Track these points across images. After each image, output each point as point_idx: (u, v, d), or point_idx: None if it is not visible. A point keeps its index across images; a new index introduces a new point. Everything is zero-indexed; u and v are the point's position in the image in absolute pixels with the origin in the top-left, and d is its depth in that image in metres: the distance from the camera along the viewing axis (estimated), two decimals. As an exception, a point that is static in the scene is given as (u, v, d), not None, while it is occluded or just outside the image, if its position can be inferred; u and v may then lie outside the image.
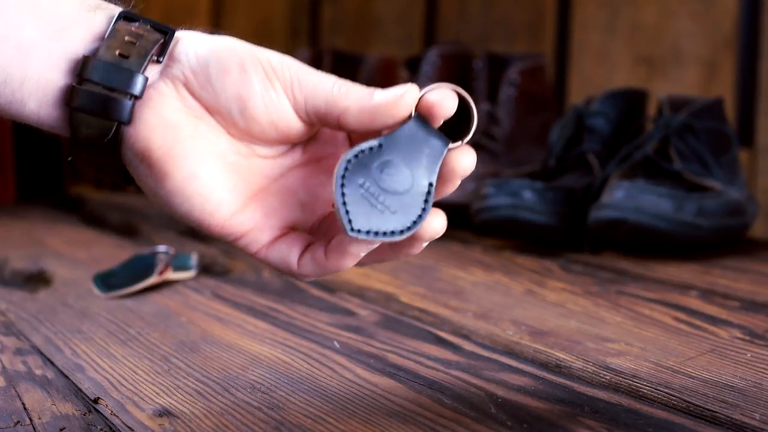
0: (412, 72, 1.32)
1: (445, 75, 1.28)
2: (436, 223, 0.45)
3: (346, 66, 1.46)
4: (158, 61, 0.45)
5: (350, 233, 0.43)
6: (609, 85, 1.31)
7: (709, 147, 0.98)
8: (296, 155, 0.47)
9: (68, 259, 0.93)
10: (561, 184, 0.98)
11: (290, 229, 0.47)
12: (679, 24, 1.38)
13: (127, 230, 1.13)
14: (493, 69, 1.24)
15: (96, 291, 0.77)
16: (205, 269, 0.87)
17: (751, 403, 0.50)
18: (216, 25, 2.22)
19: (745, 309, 0.71)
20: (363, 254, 0.46)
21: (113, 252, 0.96)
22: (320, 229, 0.48)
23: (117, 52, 0.44)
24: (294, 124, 0.45)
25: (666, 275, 0.84)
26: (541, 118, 1.22)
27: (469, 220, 1.00)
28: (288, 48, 2.10)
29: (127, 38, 0.44)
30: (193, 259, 0.85)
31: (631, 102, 1.08)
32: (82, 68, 0.44)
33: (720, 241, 0.93)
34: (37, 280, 0.84)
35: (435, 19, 1.78)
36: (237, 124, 0.45)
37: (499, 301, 0.74)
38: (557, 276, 0.84)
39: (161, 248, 0.83)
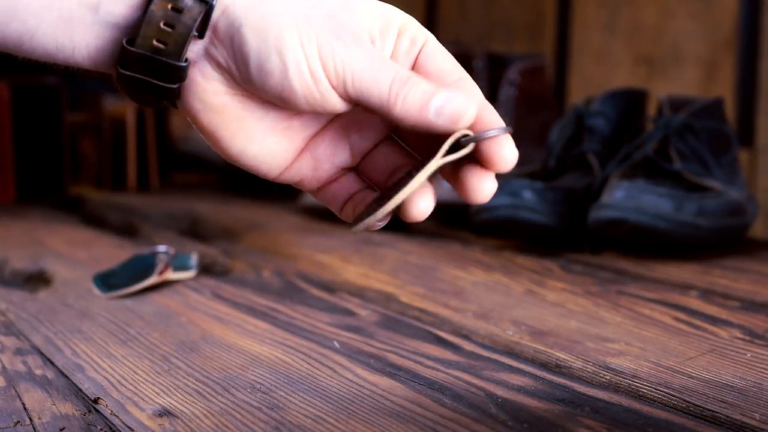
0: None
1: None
2: (424, 203, 0.43)
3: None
4: (201, 37, 0.43)
5: (352, 229, 0.44)
6: (609, 85, 1.31)
7: (709, 147, 0.98)
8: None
9: (68, 259, 0.93)
10: (561, 184, 0.98)
11: (343, 172, 0.47)
12: (679, 24, 1.38)
13: (127, 230, 1.13)
14: (493, 69, 1.24)
15: (96, 291, 0.77)
16: (205, 269, 0.87)
17: (751, 403, 0.50)
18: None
19: (745, 309, 0.71)
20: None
21: (113, 252, 0.96)
22: (365, 172, 0.47)
23: (153, 42, 0.43)
24: (339, 107, 0.43)
25: (666, 275, 0.84)
26: (541, 118, 1.22)
27: (469, 220, 1.00)
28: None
29: (162, 25, 0.43)
30: (193, 259, 0.85)
31: (631, 102, 1.08)
32: (120, 60, 0.43)
33: (720, 241, 0.93)
34: (37, 280, 0.84)
35: (435, 19, 1.78)
36: (279, 108, 0.44)
37: (499, 301, 0.74)
38: (557, 276, 0.84)
39: (161, 248, 0.83)
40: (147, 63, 0.43)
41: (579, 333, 0.65)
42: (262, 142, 0.45)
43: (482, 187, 0.43)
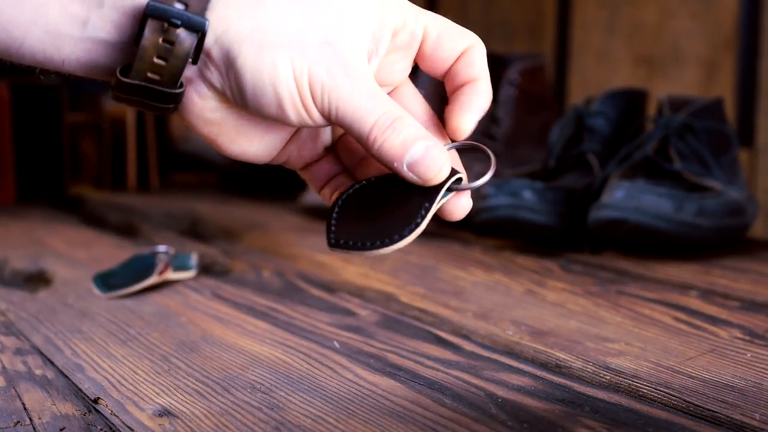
0: (412, 72, 1.31)
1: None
2: (464, 203, 0.46)
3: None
4: (194, 63, 0.43)
5: (329, 246, 0.44)
6: (609, 85, 1.31)
7: (709, 147, 0.98)
8: None
9: (68, 259, 0.93)
10: (561, 184, 0.98)
11: (324, 152, 0.49)
12: (679, 24, 1.38)
13: (127, 230, 1.13)
14: (493, 69, 1.23)
15: (96, 291, 0.77)
16: (205, 269, 0.87)
17: (751, 403, 0.50)
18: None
19: (745, 309, 0.71)
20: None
21: (113, 252, 0.96)
22: (343, 156, 0.50)
23: (147, 74, 0.43)
24: (318, 123, 0.45)
25: (666, 275, 0.84)
26: (541, 118, 1.22)
27: (469, 220, 1.00)
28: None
29: (155, 59, 0.42)
30: (193, 259, 0.85)
31: (631, 102, 1.08)
32: (116, 87, 0.43)
33: (720, 241, 0.93)
34: (37, 280, 0.84)
35: (435, 19, 1.77)
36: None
37: (499, 301, 0.74)
38: (557, 276, 0.84)
39: (161, 248, 0.83)
40: (142, 90, 0.43)
41: (579, 333, 0.65)
42: (260, 142, 0.47)
43: (458, 209, 0.46)
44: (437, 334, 0.65)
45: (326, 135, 0.49)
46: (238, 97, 0.43)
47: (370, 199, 0.45)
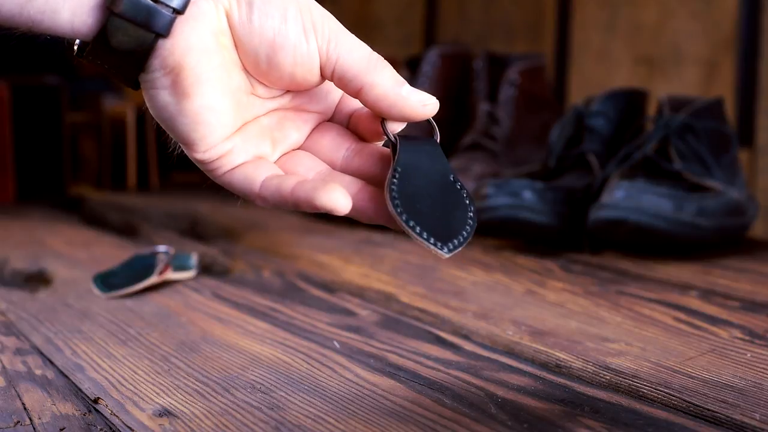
0: (412, 72, 1.32)
1: (445, 75, 1.28)
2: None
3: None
4: None
5: (447, 255, 0.43)
6: (609, 85, 1.31)
7: (709, 147, 0.98)
8: (284, 101, 0.48)
9: (68, 259, 0.93)
10: (561, 184, 0.98)
11: (259, 158, 0.48)
12: (679, 24, 1.38)
13: (127, 230, 1.13)
14: (493, 69, 1.24)
15: (96, 291, 0.77)
16: (205, 269, 0.87)
17: (751, 403, 0.50)
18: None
19: (745, 309, 0.71)
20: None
21: (113, 252, 0.96)
22: (288, 166, 0.48)
23: None
24: (313, 78, 0.46)
25: (666, 275, 0.84)
26: (541, 118, 1.22)
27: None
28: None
29: None
30: (193, 259, 0.85)
31: (631, 102, 1.08)
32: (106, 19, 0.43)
33: (720, 241, 0.93)
34: (37, 280, 0.84)
35: (435, 19, 1.78)
36: (259, 66, 0.45)
37: (499, 301, 0.74)
38: (557, 276, 0.84)
39: (161, 248, 0.83)
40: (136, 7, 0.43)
41: (579, 333, 0.65)
42: (225, 105, 0.45)
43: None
44: (437, 334, 0.65)
45: (267, 145, 0.48)
46: (243, 11, 0.44)
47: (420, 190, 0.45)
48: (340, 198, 0.43)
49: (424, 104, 0.46)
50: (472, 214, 0.45)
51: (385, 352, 0.60)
